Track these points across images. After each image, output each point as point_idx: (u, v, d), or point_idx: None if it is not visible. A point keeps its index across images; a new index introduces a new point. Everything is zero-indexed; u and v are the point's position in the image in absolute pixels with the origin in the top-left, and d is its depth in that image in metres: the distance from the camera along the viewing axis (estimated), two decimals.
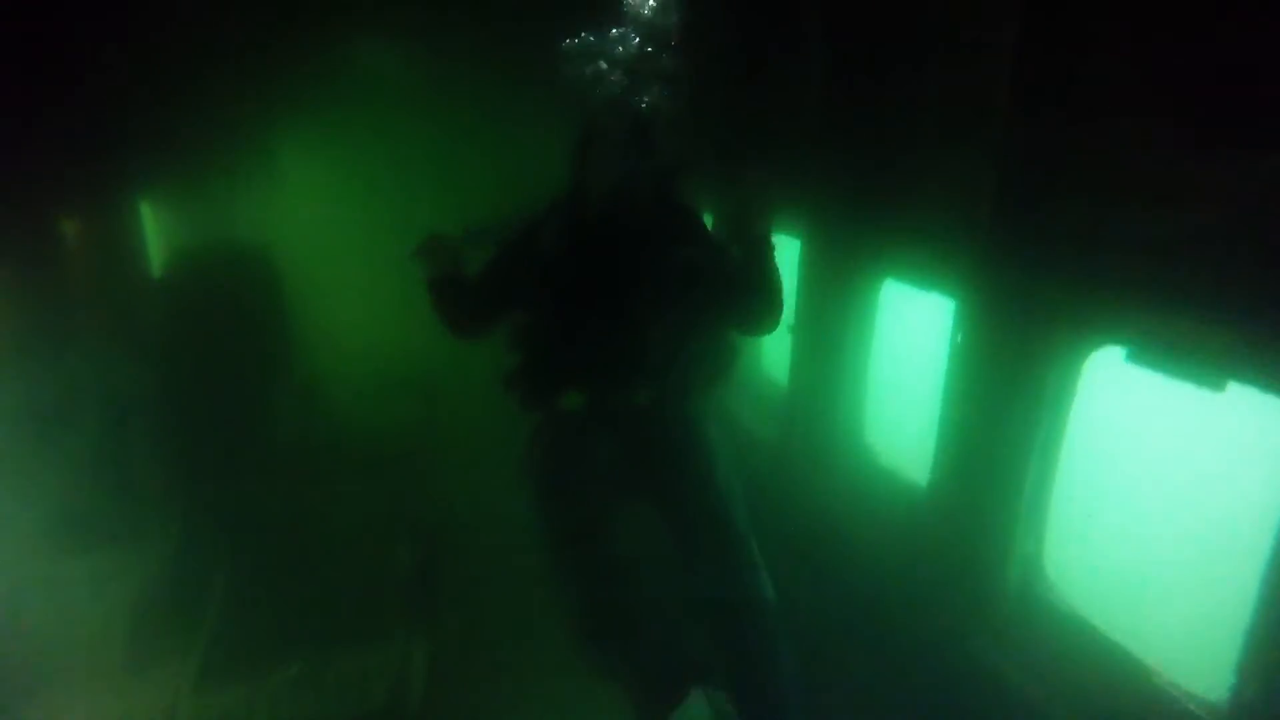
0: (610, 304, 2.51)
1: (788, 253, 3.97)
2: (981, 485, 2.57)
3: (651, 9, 2.63)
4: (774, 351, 4.35)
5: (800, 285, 3.78)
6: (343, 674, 2.65)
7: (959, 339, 2.70)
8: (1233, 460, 2.68)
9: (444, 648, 2.77)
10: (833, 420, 3.57)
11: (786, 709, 2.27)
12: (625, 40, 2.63)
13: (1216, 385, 1.86)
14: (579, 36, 2.65)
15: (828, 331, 3.55)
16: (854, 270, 3.34)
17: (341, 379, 5.34)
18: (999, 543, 2.52)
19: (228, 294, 4.62)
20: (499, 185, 3.54)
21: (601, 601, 2.33)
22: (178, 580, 3.04)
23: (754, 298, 2.55)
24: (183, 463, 3.39)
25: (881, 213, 3.12)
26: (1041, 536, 2.49)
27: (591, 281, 2.50)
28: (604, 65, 2.61)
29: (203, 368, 3.92)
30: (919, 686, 2.66)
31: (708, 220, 2.74)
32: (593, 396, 2.55)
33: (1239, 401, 1.84)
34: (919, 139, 2.87)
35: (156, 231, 6.10)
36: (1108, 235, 2.13)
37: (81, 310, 4.13)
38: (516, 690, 2.74)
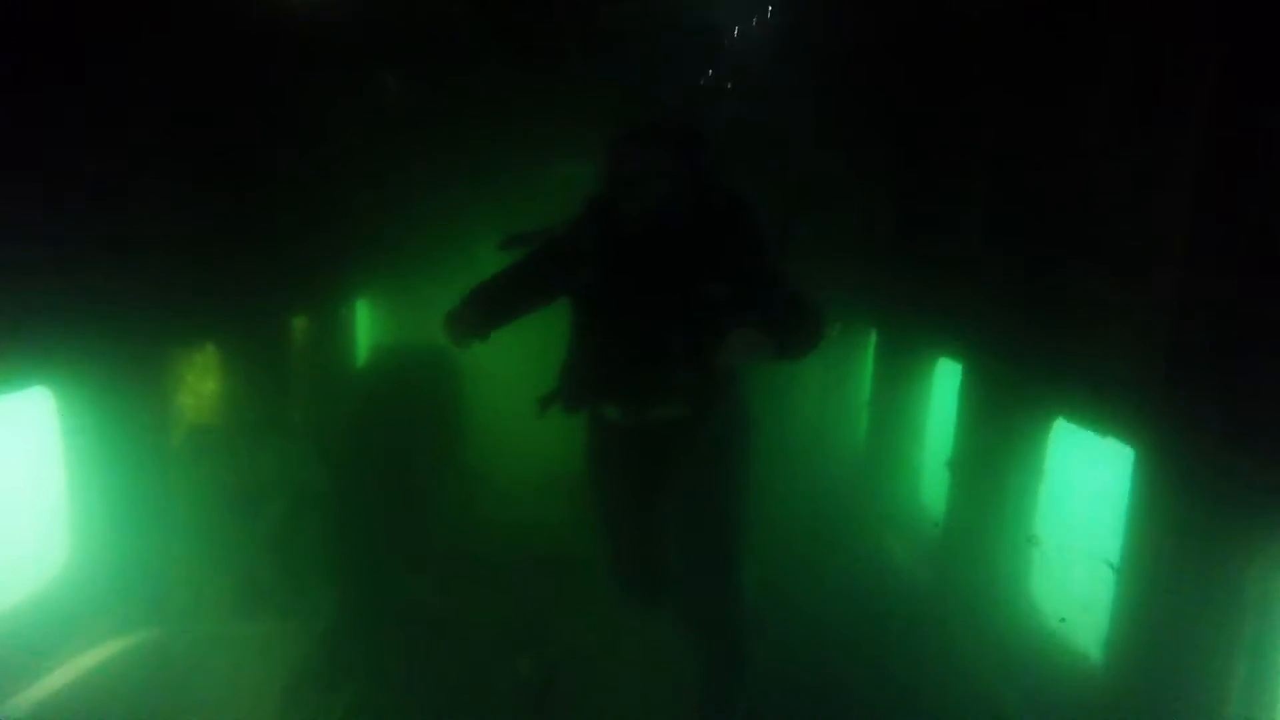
0: (641, 317, 2.41)
1: (948, 381, 3.79)
2: (1175, 686, 2.16)
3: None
4: (930, 486, 4.06)
5: (960, 418, 3.54)
6: None
7: (1142, 499, 2.38)
8: None
9: None
10: (993, 570, 3.22)
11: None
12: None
13: None
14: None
15: (990, 470, 3.26)
16: (1020, 406, 3.08)
17: (502, 477, 5.61)
18: None
19: (412, 391, 5.08)
20: None
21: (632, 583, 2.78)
22: (325, 656, 3.26)
23: (787, 314, 2.34)
24: (346, 549, 3.69)
25: (1052, 346, 2.88)
26: None
27: (622, 292, 2.41)
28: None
29: (379, 461, 4.30)
30: None
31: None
32: (627, 408, 2.51)
33: None
34: (1092, 273, 2.66)
35: (367, 331, 6.92)
36: None
37: (292, 399, 4.74)
38: None
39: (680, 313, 2.39)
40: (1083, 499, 2.92)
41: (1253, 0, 1.97)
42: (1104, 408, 2.62)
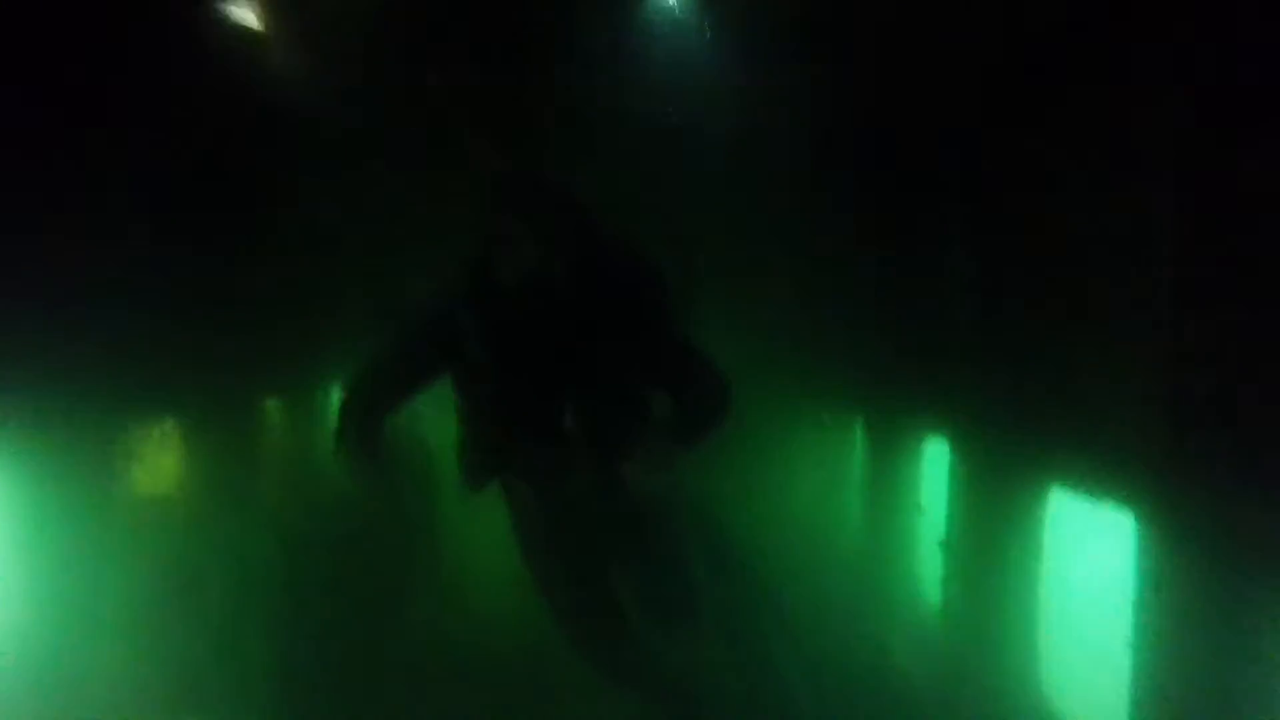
0: (526, 393, 2.26)
1: (940, 460, 3.68)
2: None
3: None
4: (924, 570, 3.87)
5: (953, 497, 3.41)
6: None
7: (1155, 567, 2.24)
8: None
9: None
10: (999, 658, 3.00)
11: None
12: None
13: None
14: None
15: (989, 550, 3.10)
16: (1016, 480, 2.96)
17: (475, 568, 5.28)
18: None
19: (391, 485, 4.79)
20: None
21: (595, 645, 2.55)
22: None
23: (685, 381, 2.27)
24: (296, 645, 3.40)
25: (1045, 414, 2.80)
26: None
27: (505, 367, 2.26)
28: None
29: (347, 559, 4.03)
30: None
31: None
32: (531, 485, 2.37)
33: None
34: (1084, 330, 2.61)
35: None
36: None
37: (261, 483, 4.50)
38: None
39: (568, 387, 2.25)
40: (1091, 572, 2.76)
41: (1219, 44, 2.01)
42: (1105, 474, 2.51)
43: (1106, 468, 2.47)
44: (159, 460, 3.77)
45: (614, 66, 3.63)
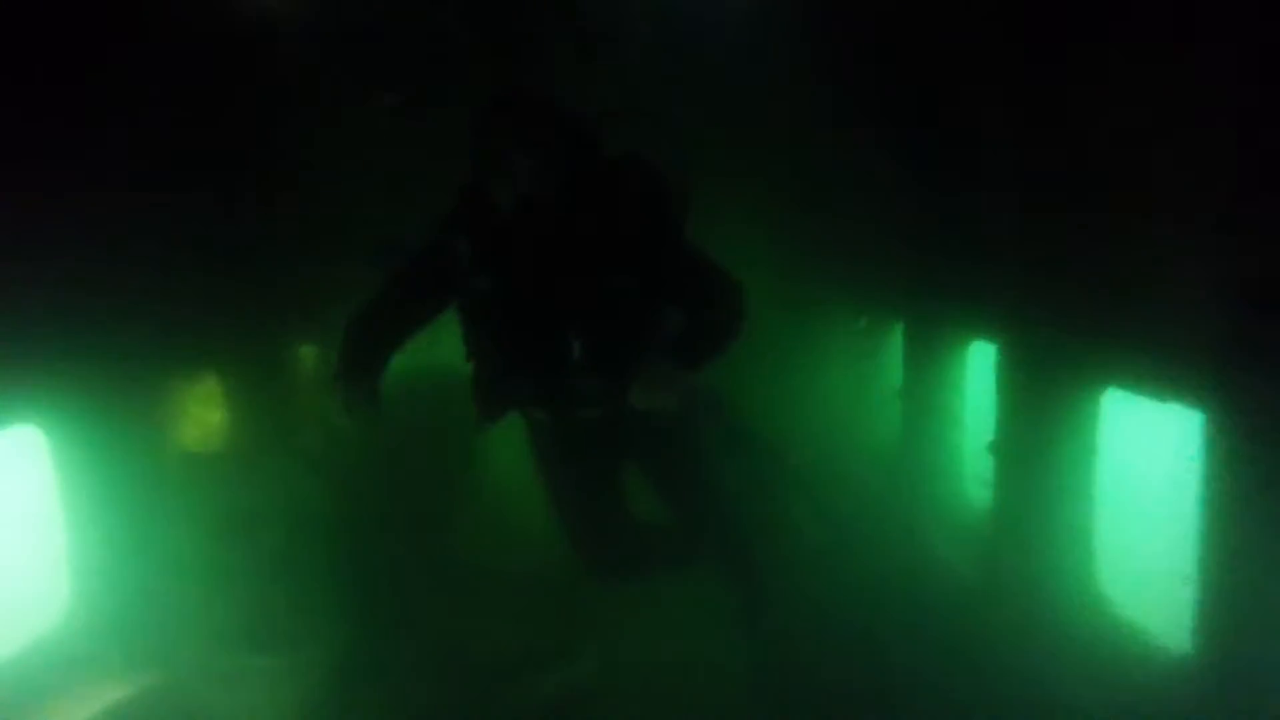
0: (532, 320, 2.19)
1: (986, 358, 3.53)
2: (1269, 673, 1.90)
3: None
4: (971, 471, 3.78)
5: (1001, 396, 3.28)
6: None
7: (1213, 469, 2.12)
8: None
9: None
10: (1051, 559, 2.94)
11: None
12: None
13: None
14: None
15: (1039, 450, 2.99)
16: (1067, 377, 2.81)
17: (518, 489, 5.32)
18: None
19: (420, 410, 4.85)
20: None
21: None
22: (338, 691, 3.09)
23: (695, 297, 2.21)
24: (356, 578, 3.52)
25: (1094, 312, 2.62)
26: None
27: (508, 293, 2.17)
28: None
29: (389, 489, 4.11)
30: None
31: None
32: (546, 412, 2.38)
33: None
34: (1134, 223, 2.40)
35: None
36: None
37: (296, 423, 4.60)
38: None
39: (573, 311, 2.16)
40: (1146, 473, 2.64)
41: None
42: (1161, 371, 2.35)
43: (1158, 365, 2.32)
44: (205, 414, 3.87)
45: None
